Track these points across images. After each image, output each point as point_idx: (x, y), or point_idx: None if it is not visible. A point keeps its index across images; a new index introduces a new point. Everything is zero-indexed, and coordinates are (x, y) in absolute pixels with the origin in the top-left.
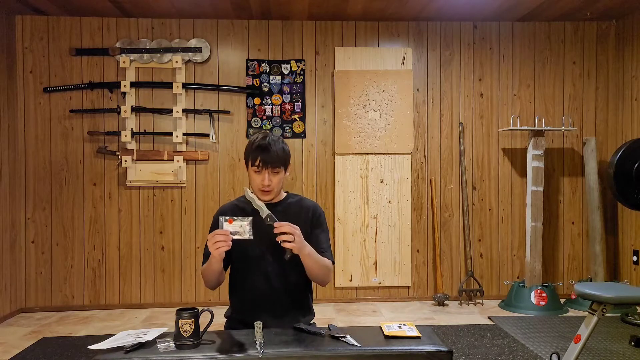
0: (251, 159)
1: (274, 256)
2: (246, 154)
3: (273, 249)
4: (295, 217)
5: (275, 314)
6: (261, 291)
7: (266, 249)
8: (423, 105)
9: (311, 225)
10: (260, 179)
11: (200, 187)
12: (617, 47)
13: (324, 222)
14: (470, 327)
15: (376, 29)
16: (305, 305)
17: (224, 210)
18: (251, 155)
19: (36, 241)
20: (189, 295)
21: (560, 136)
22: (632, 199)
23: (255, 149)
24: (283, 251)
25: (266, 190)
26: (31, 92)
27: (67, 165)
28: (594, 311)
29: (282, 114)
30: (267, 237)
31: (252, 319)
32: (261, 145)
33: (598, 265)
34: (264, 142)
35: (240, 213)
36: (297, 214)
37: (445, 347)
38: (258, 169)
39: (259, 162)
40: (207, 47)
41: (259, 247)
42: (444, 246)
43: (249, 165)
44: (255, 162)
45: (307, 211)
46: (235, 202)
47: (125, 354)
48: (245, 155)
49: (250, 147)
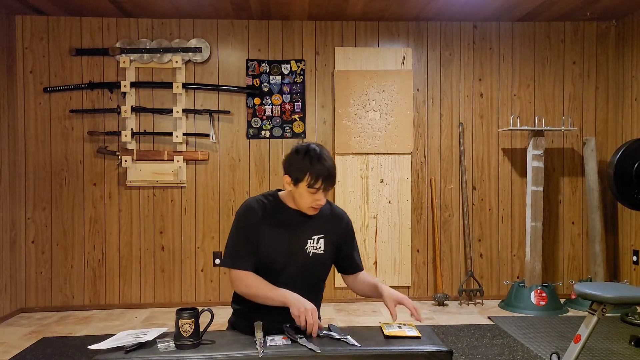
0: (310, 180)
1: (296, 265)
2: (301, 171)
3: (296, 255)
4: (332, 229)
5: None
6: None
7: (291, 256)
8: (423, 105)
9: (346, 236)
10: (314, 198)
11: (200, 187)
12: (617, 47)
13: (353, 230)
14: (470, 327)
15: (376, 29)
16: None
17: (253, 207)
18: (311, 175)
19: (36, 241)
20: (189, 295)
21: (560, 136)
22: (632, 198)
23: (320, 172)
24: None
25: (317, 208)
26: (31, 92)
27: (67, 165)
28: (594, 311)
29: (282, 114)
30: (288, 247)
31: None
32: (328, 170)
33: (598, 265)
34: (330, 165)
35: (270, 217)
36: (333, 225)
37: (445, 347)
38: (316, 190)
39: (321, 185)
40: (207, 47)
41: (282, 257)
42: (444, 246)
43: (304, 184)
44: (317, 184)
45: (341, 221)
46: (264, 200)
47: (125, 354)
48: (298, 171)
49: (309, 165)
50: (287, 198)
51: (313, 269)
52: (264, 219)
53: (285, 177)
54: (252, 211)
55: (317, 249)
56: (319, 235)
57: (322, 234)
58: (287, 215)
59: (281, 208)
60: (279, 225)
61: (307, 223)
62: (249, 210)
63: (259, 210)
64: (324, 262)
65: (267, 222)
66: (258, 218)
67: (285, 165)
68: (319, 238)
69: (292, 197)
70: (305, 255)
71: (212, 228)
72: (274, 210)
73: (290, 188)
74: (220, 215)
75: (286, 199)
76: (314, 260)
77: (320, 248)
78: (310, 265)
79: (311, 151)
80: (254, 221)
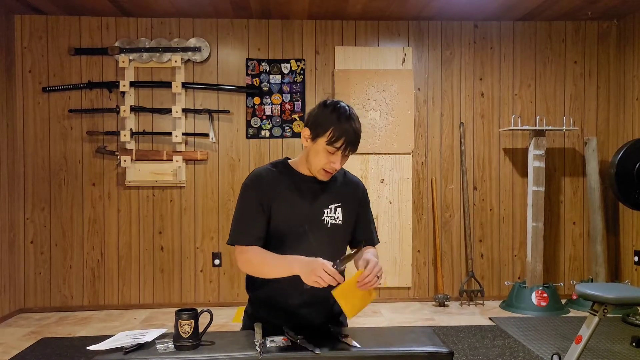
0: (332, 136)
1: (315, 237)
2: (324, 124)
3: (313, 226)
4: (347, 197)
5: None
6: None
7: (308, 228)
8: (424, 105)
9: (360, 204)
10: (331, 159)
11: (199, 187)
12: (618, 46)
13: (368, 198)
14: (471, 327)
15: (376, 28)
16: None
17: (262, 175)
18: (334, 131)
19: (35, 241)
20: (188, 295)
21: (561, 136)
22: (634, 199)
23: (345, 131)
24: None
25: (330, 172)
26: (30, 91)
27: (66, 165)
28: (595, 312)
29: (282, 113)
30: (307, 215)
31: (283, 306)
32: (355, 132)
33: (599, 265)
34: (357, 127)
35: (282, 185)
36: (349, 193)
37: (446, 348)
38: (336, 150)
39: (342, 145)
40: (206, 46)
41: (301, 227)
42: (445, 246)
43: (323, 140)
44: (338, 143)
45: (357, 188)
46: (273, 168)
47: (124, 355)
48: (322, 126)
49: (335, 121)
50: (299, 165)
51: (334, 240)
52: (275, 187)
53: (305, 130)
54: (261, 180)
55: (335, 219)
56: (336, 204)
57: (339, 203)
58: (301, 182)
59: (293, 175)
60: (292, 193)
61: (322, 191)
62: (258, 179)
63: (270, 177)
64: (344, 233)
65: (280, 190)
66: (269, 187)
67: (308, 118)
68: (336, 207)
69: (305, 159)
70: (324, 226)
71: (211, 228)
72: (286, 178)
73: (307, 144)
74: (219, 216)
75: (298, 166)
76: (333, 230)
77: (339, 218)
78: (331, 236)
79: (341, 108)
80: (264, 190)
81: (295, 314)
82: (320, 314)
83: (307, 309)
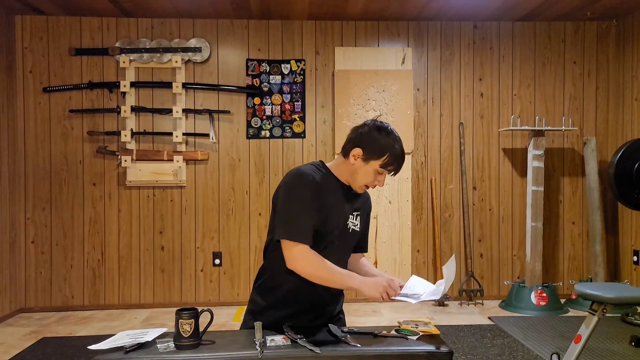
0: (387, 160)
1: (340, 240)
2: (380, 148)
3: (341, 231)
4: (363, 205)
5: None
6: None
7: (338, 232)
8: (423, 105)
9: (368, 214)
10: (377, 180)
11: (200, 187)
12: (617, 46)
13: None
14: (471, 327)
15: (376, 28)
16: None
17: (311, 174)
18: (390, 156)
19: (36, 241)
20: (188, 295)
21: (560, 136)
22: (633, 199)
23: (398, 156)
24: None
25: (368, 188)
26: (31, 92)
27: (66, 165)
28: (595, 311)
29: (282, 113)
30: (343, 220)
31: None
32: (404, 154)
33: (598, 265)
34: (404, 150)
35: (326, 188)
36: (364, 202)
37: (445, 348)
38: (386, 172)
39: (393, 169)
40: (207, 46)
41: (337, 230)
42: (444, 246)
43: (377, 162)
44: (391, 166)
45: (368, 199)
46: (317, 170)
47: (125, 354)
48: (377, 150)
49: (391, 146)
50: (337, 170)
51: (349, 244)
52: (325, 190)
53: (357, 149)
54: (311, 179)
55: (355, 226)
56: (357, 212)
57: (359, 211)
58: (338, 188)
59: (333, 180)
60: (336, 198)
61: (351, 199)
62: (308, 178)
63: (321, 180)
64: (356, 238)
65: (327, 195)
66: (320, 188)
67: (361, 139)
68: (357, 215)
69: (346, 172)
70: (347, 232)
71: (211, 228)
72: (331, 183)
73: (355, 162)
74: (220, 216)
75: (336, 172)
76: (352, 235)
77: (357, 225)
78: (349, 241)
79: (393, 132)
80: (317, 192)
81: (306, 312)
82: (323, 317)
83: (311, 313)
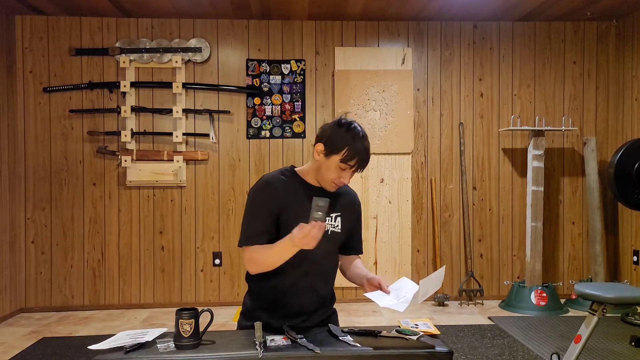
0: (346, 155)
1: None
2: (340, 143)
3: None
4: (346, 207)
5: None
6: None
7: None
8: (423, 105)
9: (356, 217)
10: (342, 175)
11: (200, 187)
12: (617, 47)
13: (361, 210)
14: (471, 327)
15: (376, 28)
16: (333, 296)
17: (271, 182)
18: (349, 151)
19: (36, 241)
20: (188, 295)
21: (560, 136)
22: (633, 199)
23: (358, 151)
24: None
25: (337, 185)
26: (31, 92)
27: (66, 165)
28: (594, 311)
29: (282, 114)
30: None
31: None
32: (367, 151)
33: (598, 265)
34: (368, 147)
35: (291, 193)
36: (348, 203)
37: (445, 347)
38: (349, 168)
39: (356, 164)
40: (207, 47)
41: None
42: (444, 246)
43: (337, 157)
44: (351, 161)
45: (354, 201)
46: (282, 176)
47: (125, 354)
48: (336, 144)
49: (350, 140)
50: (305, 174)
51: (329, 246)
52: (285, 195)
53: (319, 145)
54: (271, 187)
55: (335, 227)
56: (337, 213)
57: (339, 213)
58: (307, 191)
59: (300, 184)
60: (300, 201)
61: (332, 203)
62: (267, 186)
63: (279, 185)
64: (339, 240)
65: (290, 199)
66: (278, 194)
67: (322, 134)
68: (337, 216)
69: (314, 170)
70: (325, 234)
71: (211, 228)
72: (295, 186)
73: (319, 158)
74: (220, 216)
75: (305, 175)
76: (332, 237)
77: (338, 227)
78: (331, 243)
79: (355, 128)
80: (273, 197)
81: (294, 317)
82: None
83: (305, 315)
